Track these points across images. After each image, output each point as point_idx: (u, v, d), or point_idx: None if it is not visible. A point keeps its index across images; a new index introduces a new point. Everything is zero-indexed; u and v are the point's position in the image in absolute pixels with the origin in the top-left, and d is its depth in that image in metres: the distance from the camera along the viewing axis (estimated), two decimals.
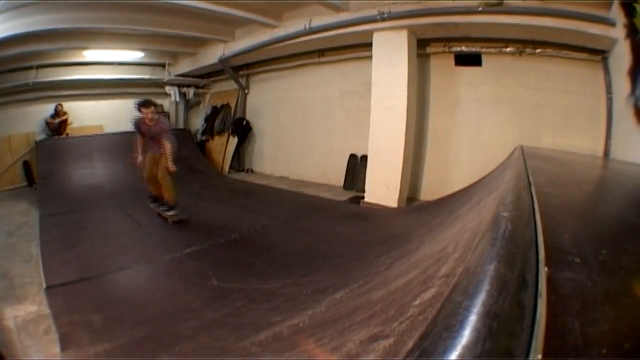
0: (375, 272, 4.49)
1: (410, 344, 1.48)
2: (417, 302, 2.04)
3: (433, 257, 3.13)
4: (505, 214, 2.07)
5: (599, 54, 8.54)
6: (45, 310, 5.30)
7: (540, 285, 1.32)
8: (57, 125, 15.19)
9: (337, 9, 10.22)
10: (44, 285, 5.98)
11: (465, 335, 1.08)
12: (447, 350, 1.06)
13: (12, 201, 12.36)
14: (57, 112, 15.34)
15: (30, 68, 14.53)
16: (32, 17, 10.64)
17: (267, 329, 3.92)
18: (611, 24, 7.45)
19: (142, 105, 9.05)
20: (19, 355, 4.35)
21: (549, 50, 9.20)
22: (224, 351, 3.86)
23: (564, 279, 1.36)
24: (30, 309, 5.36)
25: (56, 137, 15.10)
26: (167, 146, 9.05)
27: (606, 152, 8.30)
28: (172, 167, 9.08)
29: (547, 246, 1.62)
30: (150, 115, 9.02)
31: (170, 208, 9.34)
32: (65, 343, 4.41)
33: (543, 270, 1.42)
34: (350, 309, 3.44)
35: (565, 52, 9.01)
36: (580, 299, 1.25)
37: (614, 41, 7.61)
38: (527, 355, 1.02)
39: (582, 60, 8.84)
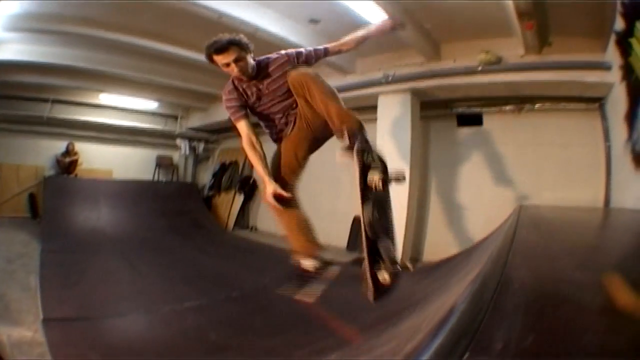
0: (373, 334, 4.54)
1: None
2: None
3: (422, 318, 3.33)
4: (475, 287, 2.43)
5: (596, 101, 8.72)
6: (40, 338, 5.30)
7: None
8: (67, 164, 15.56)
9: (344, 71, 10.59)
10: (41, 316, 5.97)
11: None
12: None
13: (13, 229, 12.53)
14: (69, 151, 15.79)
15: (46, 100, 15.09)
16: (49, 47, 11.02)
17: None
18: (607, 68, 7.57)
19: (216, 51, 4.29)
20: None
21: (547, 105, 9.45)
22: None
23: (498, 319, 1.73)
24: (25, 333, 5.39)
25: (65, 175, 15.39)
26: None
27: (606, 202, 8.35)
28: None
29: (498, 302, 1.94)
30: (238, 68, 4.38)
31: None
32: None
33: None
34: None
35: (562, 104, 9.25)
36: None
37: (610, 86, 7.72)
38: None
39: (579, 110, 9.08)
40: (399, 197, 9.71)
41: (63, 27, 9.04)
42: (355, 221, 12.14)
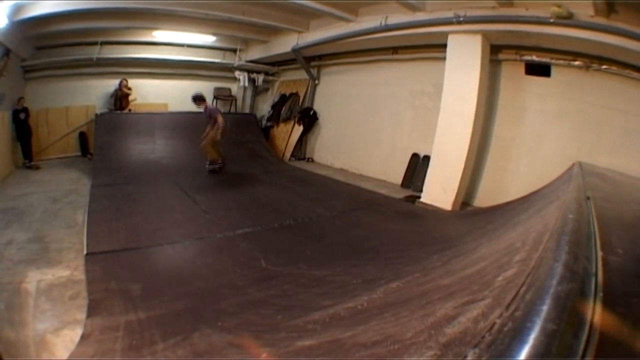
0: (430, 267, 4.41)
1: (508, 299, 1.91)
2: (500, 278, 2.44)
3: (501, 252, 3.34)
4: (571, 216, 2.61)
5: None
6: (79, 276, 5.30)
7: (597, 262, 1.98)
8: (124, 95, 15.69)
9: (413, 8, 10.16)
10: (85, 252, 5.99)
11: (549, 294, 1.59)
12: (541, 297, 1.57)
13: (62, 169, 12.67)
14: (121, 88, 15.60)
15: (94, 44, 14.81)
16: None
17: (319, 310, 3.82)
18: None
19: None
20: (27, 320, 4.22)
21: (614, 68, 8.97)
22: (273, 328, 3.80)
23: (611, 260, 2.04)
24: (61, 274, 5.36)
25: (118, 111, 15.46)
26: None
27: None
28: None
29: (602, 240, 2.28)
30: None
31: (209, 163, 12.48)
32: (94, 309, 4.35)
33: (599, 253, 2.10)
34: (418, 293, 3.54)
35: (628, 71, 8.76)
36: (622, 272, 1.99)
37: None
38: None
39: None
40: (461, 137, 9.71)
41: None
42: (413, 158, 11.98)
